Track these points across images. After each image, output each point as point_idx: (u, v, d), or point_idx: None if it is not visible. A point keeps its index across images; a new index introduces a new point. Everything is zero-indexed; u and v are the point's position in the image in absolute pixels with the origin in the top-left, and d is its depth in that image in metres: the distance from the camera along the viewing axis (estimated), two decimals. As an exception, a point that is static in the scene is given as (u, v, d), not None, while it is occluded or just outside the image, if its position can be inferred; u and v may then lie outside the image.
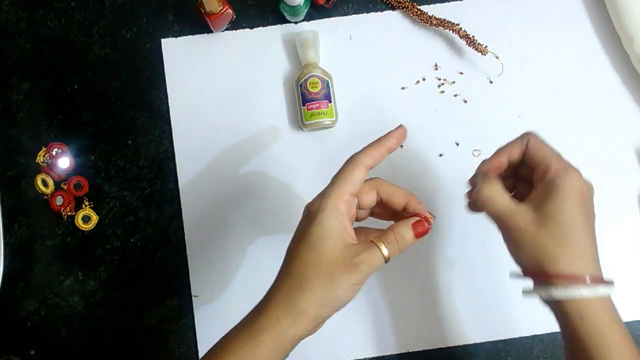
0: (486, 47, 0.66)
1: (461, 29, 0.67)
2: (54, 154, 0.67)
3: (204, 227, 0.67)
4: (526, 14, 0.69)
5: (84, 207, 0.67)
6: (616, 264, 0.64)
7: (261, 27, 0.69)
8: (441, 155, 0.68)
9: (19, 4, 0.70)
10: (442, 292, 0.65)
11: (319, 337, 0.45)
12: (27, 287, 0.66)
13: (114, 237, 0.67)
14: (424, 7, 0.69)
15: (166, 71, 0.69)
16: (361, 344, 0.65)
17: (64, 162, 0.67)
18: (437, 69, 0.69)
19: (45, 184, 0.66)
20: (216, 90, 0.68)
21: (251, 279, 0.66)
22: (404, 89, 0.69)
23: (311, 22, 0.69)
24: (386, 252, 0.43)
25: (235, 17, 0.68)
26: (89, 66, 0.69)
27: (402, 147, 0.67)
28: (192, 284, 0.66)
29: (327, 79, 0.66)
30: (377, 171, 0.47)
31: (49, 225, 0.67)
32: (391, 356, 0.65)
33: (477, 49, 0.66)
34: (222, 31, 0.69)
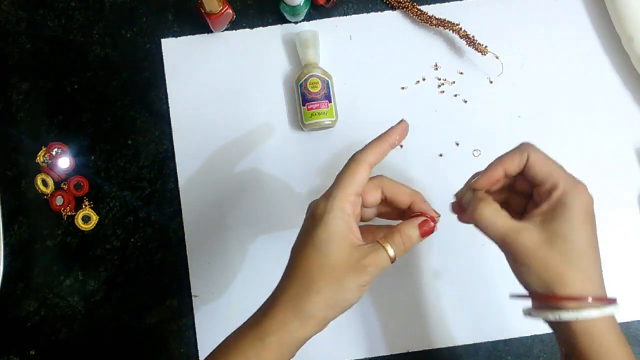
0: (486, 47, 0.66)
1: (461, 29, 0.67)
2: (54, 154, 0.67)
3: (204, 227, 0.67)
4: (526, 14, 0.69)
5: (84, 207, 0.67)
6: (616, 264, 0.64)
7: (261, 27, 0.69)
8: (441, 155, 0.68)
9: (19, 4, 0.70)
10: (443, 292, 0.65)
11: (318, 337, 0.44)
12: (27, 287, 0.66)
13: (114, 237, 0.67)
14: (424, 7, 0.69)
15: (166, 71, 0.69)
16: (361, 344, 0.65)
17: (64, 162, 0.67)
18: (437, 69, 0.69)
19: (45, 184, 0.66)
20: (216, 90, 0.68)
21: (251, 279, 0.66)
22: (404, 89, 0.69)
23: (311, 22, 0.69)
24: (392, 252, 0.43)
25: (235, 17, 0.68)
26: (89, 66, 0.69)
27: (401, 146, 0.67)
28: (192, 284, 0.66)
29: (327, 79, 0.66)
30: (376, 172, 0.47)
31: (49, 225, 0.67)
32: (391, 356, 0.65)
33: (477, 49, 0.66)
34: (222, 31, 0.69)
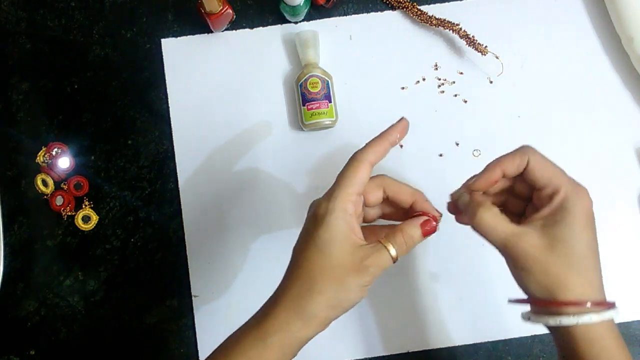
0: (486, 47, 0.66)
1: (461, 29, 0.67)
2: (54, 154, 0.67)
3: (204, 227, 0.67)
4: (526, 14, 0.69)
5: (84, 207, 0.67)
6: (616, 264, 0.64)
7: (261, 27, 0.69)
8: (441, 155, 0.68)
9: (19, 4, 0.70)
10: (442, 292, 0.65)
11: (317, 337, 0.44)
12: (27, 287, 0.66)
13: (114, 237, 0.67)
14: (424, 7, 0.69)
15: (166, 71, 0.69)
16: (360, 345, 0.65)
17: (64, 162, 0.67)
18: (437, 69, 0.69)
19: (45, 184, 0.67)
20: (216, 90, 0.68)
21: (251, 279, 0.66)
22: (404, 89, 0.69)
23: (311, 22, 0.69)
24: (394, 252, 0.43)
25: (235, 17, 0.68)
26: (89, 66, 0.69)
27: (401, 146, 0.67)
28: (192, 284, 0.66)
29: (327, 79, 0.66)
30: (376, 172, 0.47)
31: (49, 225, 0.67)
32: (391, 356, 0.65)
33: (477, 49, 0.66)
34: (222, 31, 0.69)
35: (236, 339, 0.43)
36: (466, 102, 0.68)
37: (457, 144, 0.68)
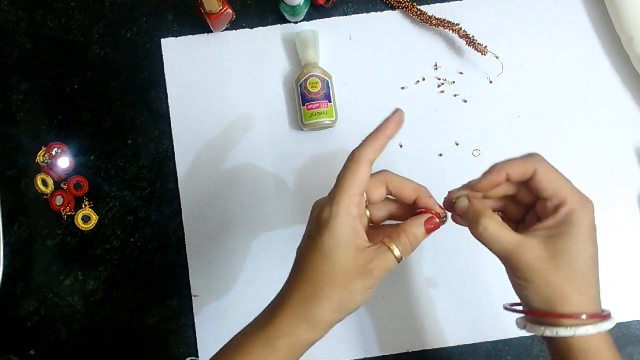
0: (486, 47, 0.66)
1: (461, 29, 0.67)
2: (54, 154, 0.67)
3: (204, 227, 0.67)
4: (526, 14, 0.69)
5: (84, 207, 0.67)
6: (616, 264, 0.64)
7: (261, 27, 0.69)
8: (441, 155, 0.68)
9: (19, 4, 0.70)
10: (442, 292, 0.65)
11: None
12: (27, 287, 0.66)
13: (114, 237, 0.67)
14: (424, 7, 0.69)
15: (166, 71, 0.69)
16: (359, 345, 0.65)
17: (64, 162, 0.67)
18: (437, 69, 0.69)
19: (45, 184, 0.67)
20: (216, 90, 0.68)
21: (252, 279, 0.66)
22: (404, 89, 0.69)
23: (311, 22, 0.69)
24: (398, 253, 0.42)
25: (235, 17, 0.68)
26: (89, 66, 0.69)
27: (401, 146, 0.67)
28: (192, 284, 0.66)
29: (327, 79, 0.66)
30: (376, 171, 0.47)
31: (49, 225, 0.67)
32: (391, 356, 0.65)
33: (477, 49, 0.66)
34: (222, 31, 0.69)
35: (241, 341, 0.43)
36: (466, 102, 0.68)
37: (457, 144, 0.68)
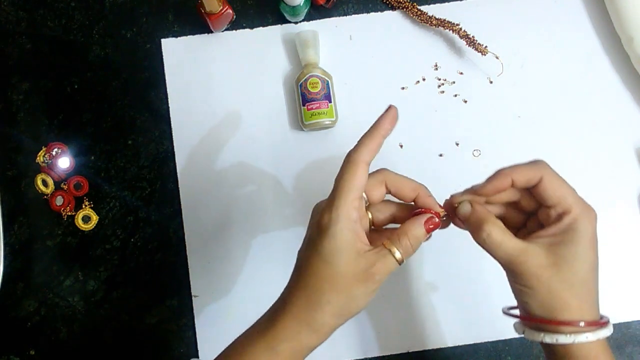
0: (486, 47, 0.66)
1: (461, 29, 0.67)
2: (54, 154, 0.67)
3: (204, 227, 0.67)
4: (526, 14, 0.69)
5: (84, 207, 0.67)
6: (616, 264, 0.64)
7: (261, 27, 0.69)
8: (441, 155, 0.68)
9: (19, 4, 0.70)
10: (442, 292, 0.65)
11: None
12: (27, 287, 0.66)
13: (114, 237, 0.67)
14: (424, 7, 0.69)
15: (166, 71, 0.69)
16: (358, 345, 0.65)
17: (64, 162, 0.67)
18: (437, 69, 0.69)
19: (45, 184, 0.67)
20: (216, 90, 0.68)
21: (251, 279, 0.66)
22: (404, 89, 0.69)
23: (311, 22, 0.69)
24: (399, 255, 0.42)
25: (235, 17, 0.68)
26: (89, 66, 0.69)
27: (401, 146, 0.67)
28: (192, 284, 0.66)
29: (327, 79, 0.66)
30: (374, 169, 0.47)
31: (49, 225, 0.67)
32: (391, 356, 0.65)
33: (477, 49, 0.66)
34: (222, 31, 0.69)
35: (243, 345, 0.43)
36: (466, 102, 0.68)
37: (457, 144, 0.68)
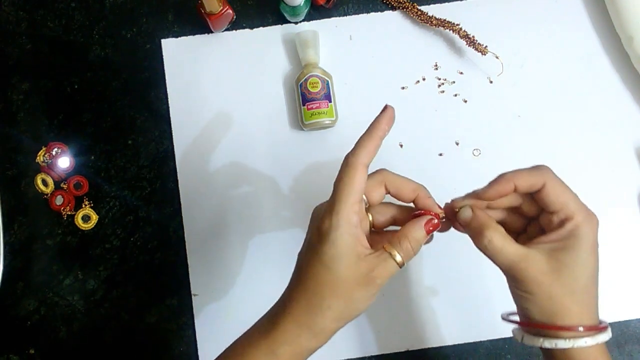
0: (486, 47, 0.66)
1: (461, 29, 0.67)
2: (54, 153, 0.67)
3: (204, 226, 0.67)
4: (526, 14, 0.69)
5: (83, 206, 0.67)
6: (616, 264, 0.64)
7: (261, 27, 0.70)
8: (441, 155, 0.68)
9: (19, 4, 0.70)
10: (442, 291, 0.65)
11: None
12: (26, 286, 0.66)
13: (114, 237, 0.67)
14: (424, 7, 0.69)
15: (166, 71, 0.69)
16: (360, 344, 0.65)
17: (64, 162, 0.67)
18: (437, 69, 0.69)
19: (45, 183, 0.67)
20: (216, 90, 0.69)
21: (251, 278, 0.66)
22: (404, 89, 0.69)
23: (311, 22, 0.70)
24: (400, 258, 0.42)
25: (235, 17, 0.68)
26: (89, 66, 0.69)
27: (401, 146, 0.67)
28: (191, 283, 0.66)
29: (327, 79, 0.66)
30: (374, 169, 0.47)
31: (49, 224, 0.67)
32: (390, 355, 0.65)
33: (477, 49, 0.66)
34: (222, 31, 0.69)
35: (244, 346, 0.43)
36: (466, 102, 0.68)
37: (457, 144, 0.68)
